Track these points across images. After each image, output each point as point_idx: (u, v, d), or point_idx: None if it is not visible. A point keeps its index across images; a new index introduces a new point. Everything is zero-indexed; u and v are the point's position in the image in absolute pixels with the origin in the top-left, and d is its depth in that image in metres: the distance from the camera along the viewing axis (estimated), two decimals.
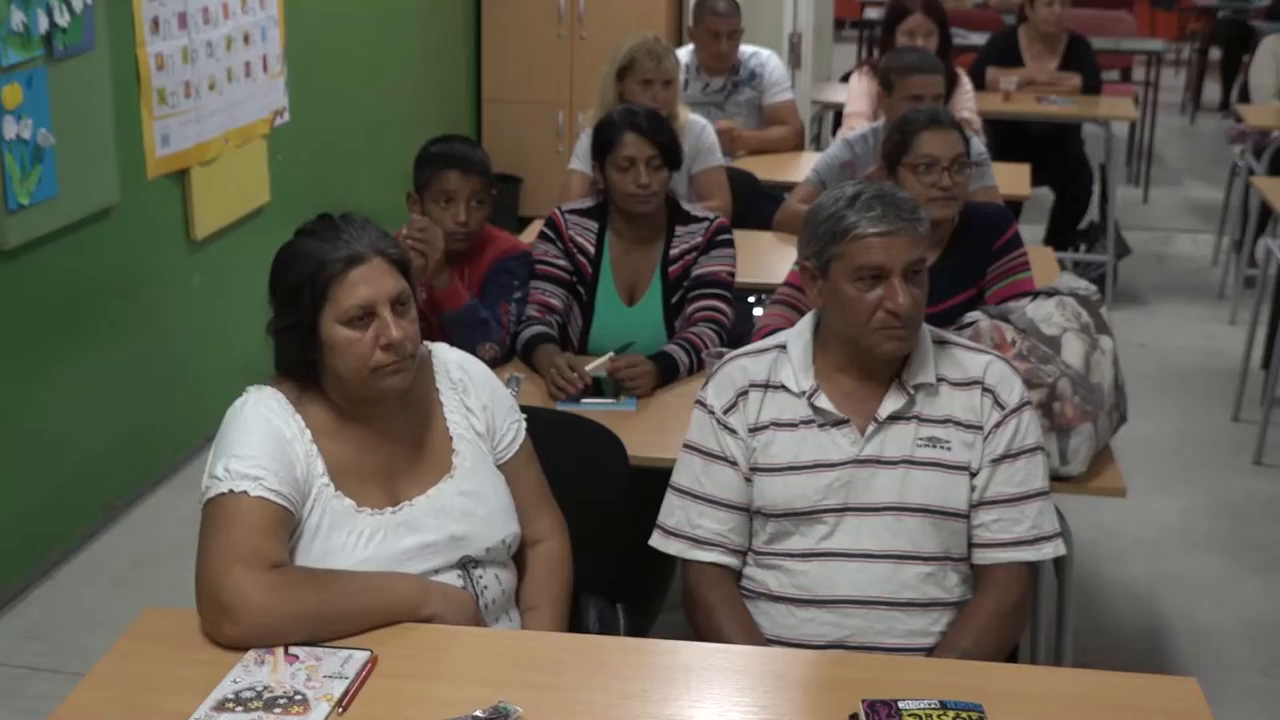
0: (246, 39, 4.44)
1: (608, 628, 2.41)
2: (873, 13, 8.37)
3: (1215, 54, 9.93)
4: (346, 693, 1.83)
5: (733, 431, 2.25)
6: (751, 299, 3.67)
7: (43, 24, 3.41)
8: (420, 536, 2.10)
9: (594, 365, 2.96)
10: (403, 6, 5.86)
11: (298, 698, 1.82)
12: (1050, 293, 2.78)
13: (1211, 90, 10.10)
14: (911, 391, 2.22)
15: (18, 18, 3.31)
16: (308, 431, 2.07)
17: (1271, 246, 4.96)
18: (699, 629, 2.25)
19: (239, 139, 4.45)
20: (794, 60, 5.95)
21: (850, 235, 2.15)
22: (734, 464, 2.24)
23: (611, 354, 3.00)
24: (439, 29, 6.32)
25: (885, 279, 2.14)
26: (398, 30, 5.80)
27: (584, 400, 2.89)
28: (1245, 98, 7.03)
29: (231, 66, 4.36)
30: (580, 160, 3.76)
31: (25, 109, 3.40)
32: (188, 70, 4.10)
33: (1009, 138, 5.84)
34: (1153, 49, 8.67)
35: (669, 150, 3.17)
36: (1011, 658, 2.50)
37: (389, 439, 2.14)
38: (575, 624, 2.36)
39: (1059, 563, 2.47)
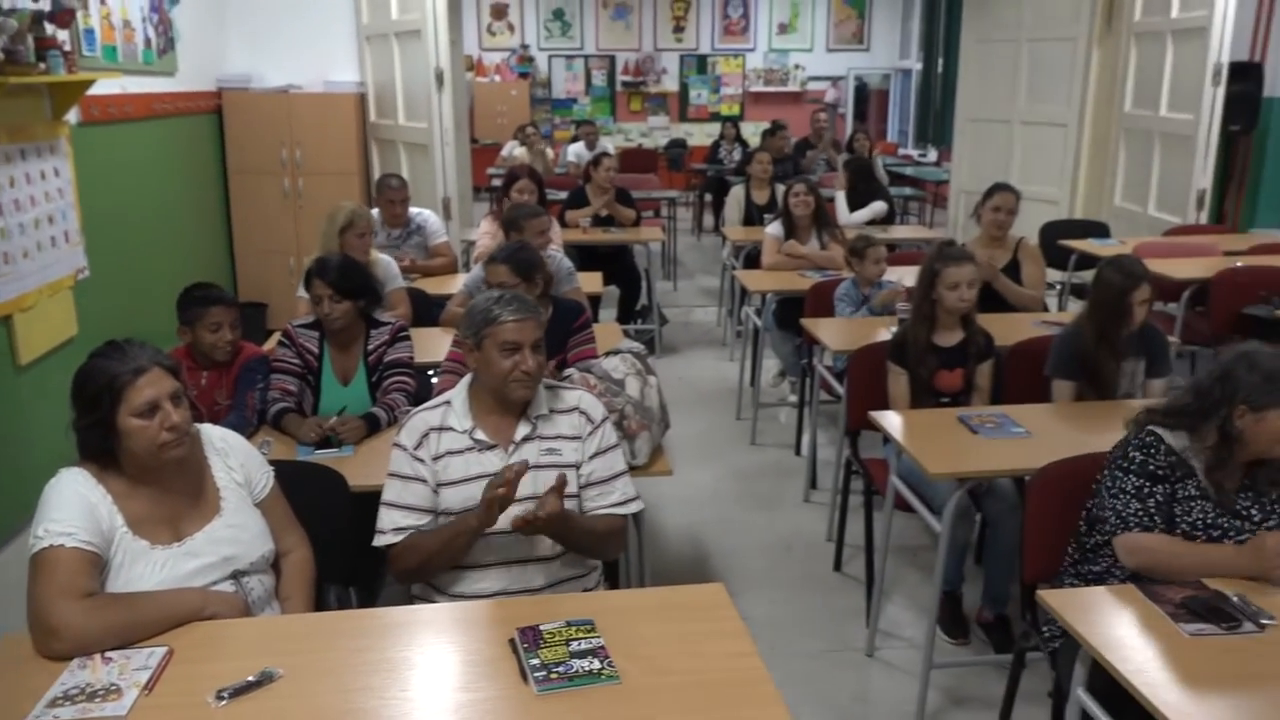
0: (50, 219, 4.05)
1: (344, 605, 2.31)
2: (496, 181, 8.38)
3: (708, 197, 10.47)
4: (150, 679, 1.67)
5: (422, 460, 2.19)
6: (431, 372, 3.59)
7: None
8: (200, 560, 1.95)
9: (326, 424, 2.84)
10: (171, 189, 5.47)
11: (113, 688, 1.65)
12: (616, 352, 2.85)
13: (707, 220, 10.62)
14: (534, 421, 2.24)
15: None
16: (109, 496, 1.90)
17: (749, 312, 5.23)
18: (413, 571, 2.18)
19: (51, 290, 4.03)
20: (446, 214, 5.90)
21: (498, 321, 2.19)
22: (425, 482, 2.19)
23: (334, 416, 2.87)
24: (199, 203, 5.93)
25: (520, 350, 2.18)
26: (168, 206, 5.40)
27: (318, 451, 2.76)
28: (722, 223, 7.38)
29: (40, 240, 3.96)
30: (303, 290, 3.59)
31: None
32: (5, 244, 3.70)
33: (587, 256, 5.96)
34: (671, 196, 9.04)
35: (342, 288, 3.03)
36: (614, 585, 2.54)
37: (172, 494, 1.97)
38: (321, 606, 2.24)
39: (638, 518, 2.52)
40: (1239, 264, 4.90)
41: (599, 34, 13.02)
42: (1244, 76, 6.35)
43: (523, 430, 2.24)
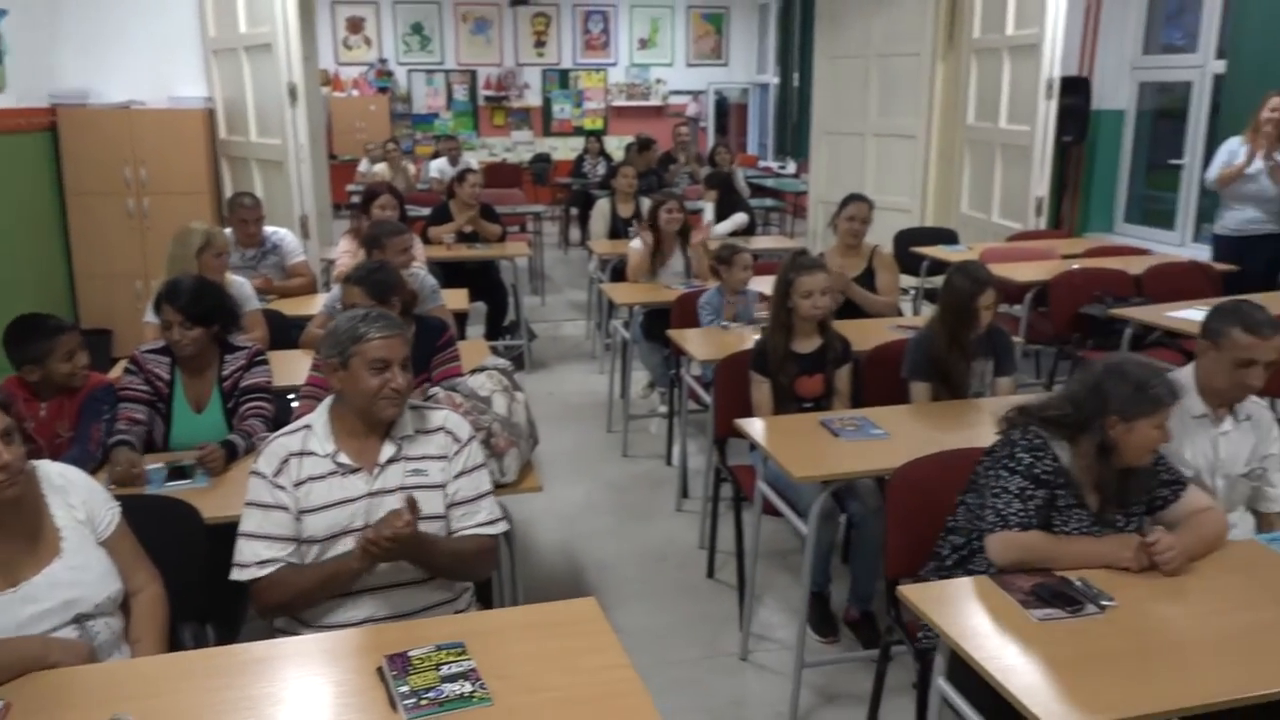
0: None
1: (201, 644, 2.20)
2: (355, 198, 8.20)
3: (574, 211, 10.48)
4: None
5: (282, 488, 2.12)
6: (291, 396, 3.47)
7: None
8: (38, 606, 1.84)
9: (177, 460, 2.72)
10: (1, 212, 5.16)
11: None
12: (482, 369, 2.82)
13: (574, 233, 10.61)
14: (399, 442, 2.20)
15: None
16: None
17: (617, 325, 5.26)
18: (280, 607, 2.12)
19: None
20: (304, 233, 5.74)
21: (366, 338, 2.15)
22: (286, 510, 2.12)
23: (193, 451, 2.75)
24: (32, 227, 5.61)
25: (389, 367, 2.14)
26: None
27: (168, 483, 2.63)
28: (588, 236, 7.41)
29: None
30: (151, 314, 3.43)
31: None
32: None
33: (452, 272, 5.88)
34: (536, 210, 9.03)
35: (193, 313, 2.90)
36: (487, 606, 2.51)
37: (5, 537, 1.85)
38: (176, 646, 2.13)
39: (508, 536, 2.50)
40: (1075, 266, 5.20)
41: (459, 48, 12.90)
42: (1074, 90, 6.77)
43: (388, 452, 2.19)
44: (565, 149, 12.99)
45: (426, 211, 6.68)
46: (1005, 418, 2.32)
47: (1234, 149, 5.36)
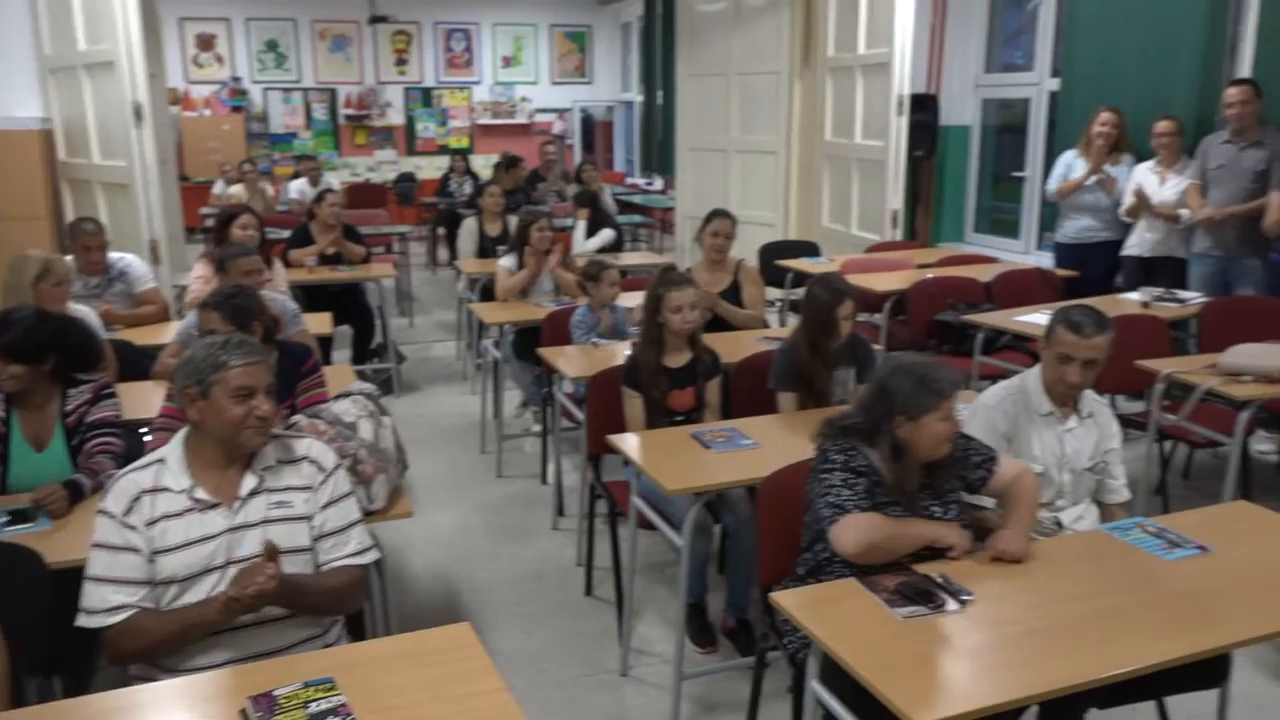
0: None
1: (47, 697, 2.08)
2: (210, 221, 7.90)
3: (441, 231, 10.33)
4: None
5: (133, 528, 2.02)
6: (143, 430, 3.31)
7: None
8: None
9: (15, 503, 2.55)
10: None
11: None
12: (347, 394, 2.75)
13: (442, 253, 10.45)
14: (261, 474, 2.13)
15: None
16: None
17: (487, 345, 5.21)
18: (135, 655, 2.02)
19: None
20: (154, 258, 5.50)
21: (228, 366, 2.07)
22: (137, 551, 2.02)
23: (33, 493, 2.58)
24: None
25: (254, 395, 2.08)
26: None
27: (7, 529, 2.46)
28: (456, 256, 7.31)
29: None
30: None
31: None
32: None
33: (316, 296, 5.72)
34: (402, 230, 8.88)
35: (9, 349, 2.70)
36: (359, 637, 2.44)
37: None
38: (20, 702, 1.99)
39: (379, 564, 2.44)
40: (930, 275, 5.42)
41: (317, 66, 12.62)
42: (923, 107, 7.07)
43: (249, 484, 2.11)
44: (431, 168, 12.84)
45: (287, 234, 6.49)
46: (818, 433, 2.40)
47: (1069, 161, 5.69)
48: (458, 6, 12.95)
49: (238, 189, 8.79)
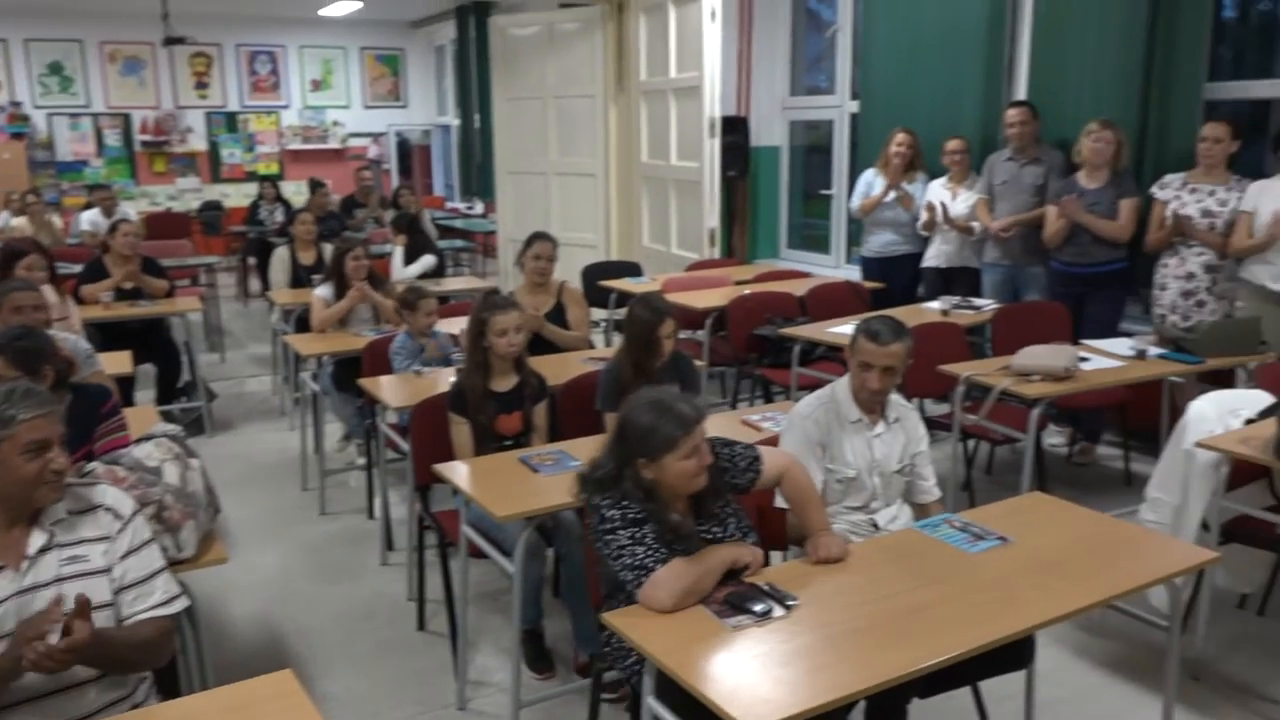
0: None
1: None
2: None
3: (252, 260, 9.90)
4: None
5: None
6: None
7: None
8: None
9: None
10: None
11: None
12: (149, 437, 2.59)
13: (254, 284, 10.03)
14: (50, 529, 1.97)
15: None
16: None
17: (305, 378, 5.03)
18: None
19: None
20: None
21: (16, 421, 1.90)
22: None
23: None
24: None
25: (49, 448, 1.93)
26: None
27: None
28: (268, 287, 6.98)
29: None
30: None
31: None
32: None
33: (114, 333, 5.38)
34: (209, 262, 8.49)
35: None
36: (173, 694, 2.29)
37: None
38: None
39: (192, 615, 2.31)
40: (747, 291, 5.59)
41: (108, 90, 11.89)
42: (734, 129, 7.31)
43: (38, 542, 1.95)
44: (238, 195, 12.29)
45: (79, 269, 6.07)
46: (579, 490, 2.33)
47: (869, 179, 6.01)
48: (261, 28, 12.49)
49: (21, 221, 8.17)
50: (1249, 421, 3.18)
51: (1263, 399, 3.26)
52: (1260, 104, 4.98)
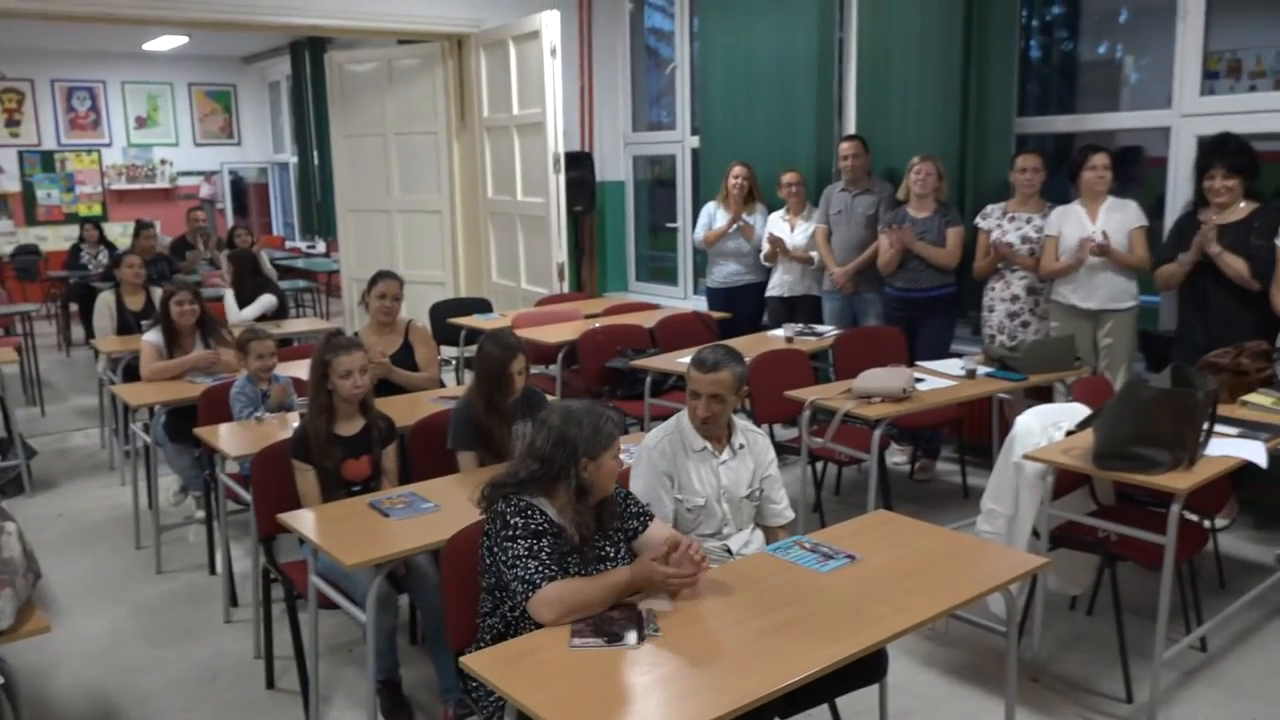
0: None
1: None
2: None
3: (74, 307, 9.34)
4: None
5: None
6: None
7: None
8: None
9: None
10: None
11: None
12: None
13: (77, 332, 9.45)
14: None
15: None
16: None
17: (136, 429, 4.76)
18: None
19: None
20: None
21: None
22: None
23: None
24: None
25: None
26: None
27: None
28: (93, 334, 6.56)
29: None
30: None
31: None
32: None
33: None
34: (25, 310, 7.97)
35: None
36: None
37: None
38: None
39: (7, 691, 2.14)
40: (598, 325, 5.62)
41: None
42: (579, 164, 7.38)
43: None
44: (57, 238, 11.60)
45: None
46: (482, 496, 2.38)
47: (711, 212, 6.16)
48: (78, 63, 11.86)
49: None
50: (1069, 433, 3.39)
51: (1080, 411, 3.48)
52: (1064, 137, 5.37)
